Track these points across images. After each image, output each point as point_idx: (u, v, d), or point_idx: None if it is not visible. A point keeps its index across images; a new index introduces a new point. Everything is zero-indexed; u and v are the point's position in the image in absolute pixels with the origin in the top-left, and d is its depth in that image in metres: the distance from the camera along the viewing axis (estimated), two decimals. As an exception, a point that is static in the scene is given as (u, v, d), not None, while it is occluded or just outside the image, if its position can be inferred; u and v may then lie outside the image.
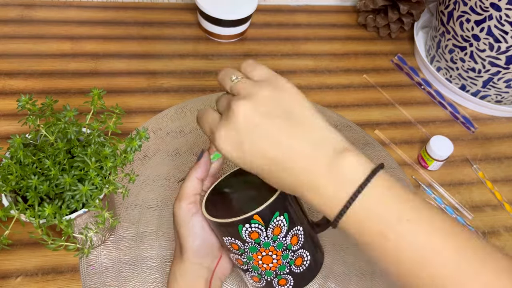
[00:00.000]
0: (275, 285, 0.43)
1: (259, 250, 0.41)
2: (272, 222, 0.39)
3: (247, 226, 0.39)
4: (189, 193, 0.44)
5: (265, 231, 0.40)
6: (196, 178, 0.44)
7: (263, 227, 0.39)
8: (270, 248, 0.41)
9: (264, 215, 0.39)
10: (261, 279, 0.43)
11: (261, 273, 0.43)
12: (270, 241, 0.40)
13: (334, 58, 0.81)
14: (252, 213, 0.39)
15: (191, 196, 0.44)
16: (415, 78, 0.80)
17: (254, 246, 0.41)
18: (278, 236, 0.40)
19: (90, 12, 0.79)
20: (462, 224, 0.37)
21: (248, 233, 0.40)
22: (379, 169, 0.35)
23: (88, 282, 0.52)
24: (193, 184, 0.44)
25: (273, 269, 0.42)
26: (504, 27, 0.65)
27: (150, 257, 0.54)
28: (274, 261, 0.41)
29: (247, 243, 0.41)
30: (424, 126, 0.74)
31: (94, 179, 0.42)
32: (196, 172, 0.44)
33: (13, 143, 0.43)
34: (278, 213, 0.40)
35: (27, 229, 0.41)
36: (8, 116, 0.64)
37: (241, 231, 0.40)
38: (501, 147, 0.73)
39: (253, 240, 0.40)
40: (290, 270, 0.42)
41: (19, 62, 0.70)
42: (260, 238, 0.40)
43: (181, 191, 0.44)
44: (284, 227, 0.40)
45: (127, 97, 0.69)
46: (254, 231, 0.40)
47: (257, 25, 0.83)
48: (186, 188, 0.44)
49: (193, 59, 0.76)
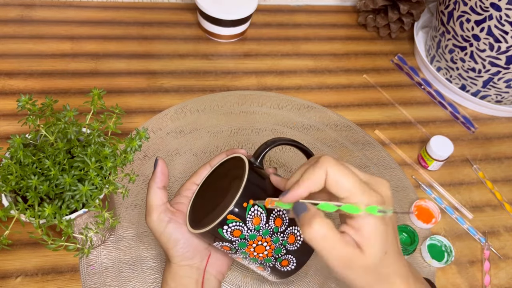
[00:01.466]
0: (279, 268, 0.44)
1: (248, 244, 0.42)
2: (248, 215, 0.40)
3: (226, 228, 0.40)
4: (155, 205, 0.44)
5: (245, 225, 0.40)
6: (158, 188, 0.44)
7: (241, 222, 0.40)
8: (257, 238, 0.41)
9: (236, 212, 0.40)
10: (265, 267, 0.44)
11: (262, 262, 0.44)
12: (254, 232, 0.41)
13: (334, 58, 0.81)
14: (224, 215, 0.40)
15: (158, 207, 0.44)
16: (415, 78, 0.80)
17: (242, 242, 0.41)
18: (259, 225, 0.41)
19: (90, 12, 0.79)
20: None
21: (230, 233, 0.41)
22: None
23: (88, 282, 0.52)
24: (156, 195, 0.44)
25: (270, 255, 0.43)
26: (504, 27, 0.65)
27: (150, 257, 0.54)
28: (267, 248, 0.42)
29: (234, 241, 0.41)
30: (424, 126, 0.74)
31: (94, 179, 0.42)
32: (156, 183, 0.45)
33: (13, 143, 0.43)
34: (251, 205, 0.40)
35: (27, 229, 0.41)
36: (8, 116, 0.64)
37: (223, 233, 0.41)
38: (501, 147, 0.73)
39: (238, 237, 0.41)
40: (287, 250, 0.43)
41: (19, 62, 0.70)
42: (244, 233, 0.41)
43: (147, 205, 0.44)
44: (263, 215, 0.41)
45: (127, 97, 0.69)
46: (235, 229, 0.40)
47: (257, 25, 0.83)
48: (151, 201, 0.44)
49: (193, 59, 0.76)
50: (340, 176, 0.34)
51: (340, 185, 0.34)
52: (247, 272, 0.55)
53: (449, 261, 0.58)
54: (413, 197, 0.64)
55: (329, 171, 0.34)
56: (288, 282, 0.55)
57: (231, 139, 0.66)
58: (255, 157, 0.45)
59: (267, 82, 0.75)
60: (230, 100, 0.71)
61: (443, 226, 0.63)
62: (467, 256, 0.61)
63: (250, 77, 0.75)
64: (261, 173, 0.44)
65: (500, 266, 0.60)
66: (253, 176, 0.42)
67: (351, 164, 0.39)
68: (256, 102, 0.71)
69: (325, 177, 0.34)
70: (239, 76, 0.75)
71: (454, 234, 0.62)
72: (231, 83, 0.74)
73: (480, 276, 0.59)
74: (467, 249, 0.61)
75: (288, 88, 0.75)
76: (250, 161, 0.44)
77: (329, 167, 0.34)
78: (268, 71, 0.77)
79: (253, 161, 0.45)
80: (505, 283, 0.59)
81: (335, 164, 0.34)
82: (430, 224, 0.60)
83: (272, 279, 0.47)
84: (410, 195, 0.65)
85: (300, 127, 0.69)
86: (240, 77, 0.75)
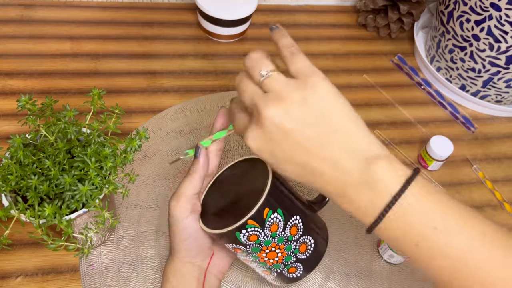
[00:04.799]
0: (286, 274, 0.44)
1: (262, 249, 0.41)
2: (267, 221, 0.40)
3: (244, 232, 0.40)
4: (188, 193, 0.43)
5: (262, 232, 0.40)
6: (199, 177, 0.43)
7: (260, 228, 0.40)
8: (272, 245, 0.41)
9: (257, 217, 0.39)
10: (272, 272, 0.44)
11: (270, 267, 0.43)
12: (270, 238, 0.40)
13: (334, 58, 0.81)
14: (245, 219, 0.39)
15: (189, 196, 0.43)
16: (415, 78, 0.80)
17: (256, 247, 0.41)
18: (276, 232, 0.41)
19: (90, 12, 0.79)
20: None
21: (246, 237, 0.40)
22: (414, 176, 0.34)
23: (88, 282, 0.52)
24: (193, 183, 0.43)
25: (280, 261, 0.43)
26: (504, 27, 0.65)
27: (150, 257, 0.54)
28: (279, 254, 0.42)
29: (248, 245, 0.41)
30: (424, 126, 0.74)
31: (94, 179, 0.42)
32: (197, 172, 0.43)
33: (13, 143, 0.43)
34: (271, 212, 0.40)
35: (27, 229, 0.41)
36: (8, 116, 0.64)
37: (239, 237, 0.40)
38: (501, 147, 0.73)
39: (253, 242, 0.40)
40: (296, 258, 0.43)
41: (19, 62, 0.70)
42: (260, 239, 0.40)
43: (179, 189, 0.43)
44: (281, 222, 0.41)
45: (127, 97, 0.69)
46: (252, 234, 0.40)
47: (257, 25, 0.83)
48: (184, 187, 0.43)
49: (193, 59, 0.76)
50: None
51: None
52: (248, 272, 0.55)
53: (449, 261, 0.58)
54: (413, 197, 0.64)
55: None
56: (288, 282, 0.55)
57: (231, 139, 0.66)
58: None
59: (267, 82, 0.75)
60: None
61: (443, 226, 0.63)
62: (467, 256, 0.60)
63: (250, 77, 0.75)
64: (282, 180, 0.43)
65: (500, 266, 0.60)
66: (276, 182, 0.41)
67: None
68: (256, 102, 0.71)
69: None
70: (239, 76, 0.75)
71: (454, 234, 0.62)
72: (231, 83, 0.73)
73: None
74: (467, 249, 0.61)
75: (288, 88, 0.74)
76: None
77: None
78: (268, 71, 0.76)
79: None
80: (505, 283, 0.59)
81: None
82: (430, 224, 0.60)
83: (275, 283, 0.46)
84: (410, 195, 0.65)
85: (300, 127, 0.69)
86: (240, 77, 0.75)
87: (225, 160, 0.64)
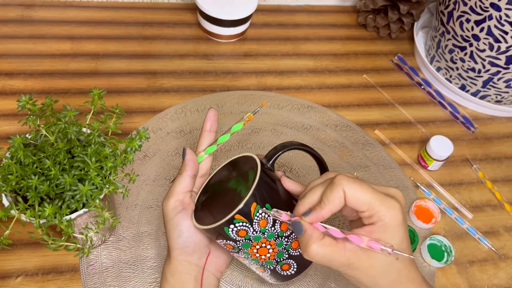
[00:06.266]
0: (279, 271, 0.44)
1: (252, 245, 0.42)
2: (255, 216, 0.40)
3: (232, 227, 0.40)
4: (178, 191, 0.44)
5: (251, 227, 0.40)
6: (188, 176, 0.45)
7: (248, 223, 0.40)
8: (262, 240, 0.41)
9: (244, 212, 0.39)
10: (265, 269, 0.44)
11: (263, 264, 0.44)
12: (259, 234, 0.41)
13: (334, 58, 0.81)
14: (232, 214, 0.39)
15: (179, 194, 0.44)
16: (415, 78, 0.80)
17: (246, 242, 0.41)
18: (265, 227, 0.41)
19: (90, 12, 0.79)
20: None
21: (235, 233, 0.40)
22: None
23: (88, 282, 0.52)
24: (183, 182, 0.44)
25: (272, 258, 0.43)
26: (504, 27, 0.65)
27: (150, 257, 0.54)
28: (270, 250, 0.42)
29: (238, 241, 0.41)
30: (424, 126, 0.74)
31: (94, 179, 0.42)
32: (186, 171, 0.45)
33: (13, 143, 0.43)
34: (259, 206, 0.40)
35: (27, 229, 0.41)
36: (8, 116, 0.64)
37: (228, 232, 0.40)
38: (501, 147, 0.73)
39: (242, 237, 0.41)
40: (289, 254, 0.43)
41: (19, 62, 0.70)
42: (249, 234, 0.41)
43: (170, 188, 0.45)
44: (270, 218, 0.41)
45: (127, 97, 0.69)
46: (241, 229, 0.40)
47: (257, 25, 0.83)
48: (175, 186, 0.44)
49: (193, 59, 0.76)
50: (358, 193, 0.36)
51: (360, 200, 0.36)
52: (247, 272, 0.55)
53: (449, 261, 0.58)
54: (413, 197, 0.64)
55: (346, 190, 0.36)
56: (287, 282, 0.55)
57: (231, 139, 0.66)
58: (267, 158, 0.44)
59: (267, 82, 0.75)
60: (230, 100, 0.71)
61: (443, 226, 0.63)
62: (467, 256, 0.61)
63: (250, 77, 0.75)
64: (272, 176, 0.43)
65: (500, 266, 0.60)
66: (264, 177, 0.41)
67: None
68: (256, 102, 0.71)
69: (344, 196, 0.36)
70: (239, 76, 0.75)
71: (454, 234, 0.62)
72: (231, 83, 0.74)
73: (479, 276, 0.59)
74: (467, 249, 0.61)
75: (288, 88, 0.75)
76: (262, 162, 0.43)
77: (346, 186, 0.36)
78: (268, 71, 0.77)
79: (264, 162, 0.44)
80: (505, 283, 0.59)
81: (351, 182, 0.36)
82: (430, 224, 0.61)
83: (271, 281, 0.47)
84: (410, 195, 0.65)
85: (300, 127, 0.70)
86: (240, 77, 0.75)
87: (225, 160, 0.64)
